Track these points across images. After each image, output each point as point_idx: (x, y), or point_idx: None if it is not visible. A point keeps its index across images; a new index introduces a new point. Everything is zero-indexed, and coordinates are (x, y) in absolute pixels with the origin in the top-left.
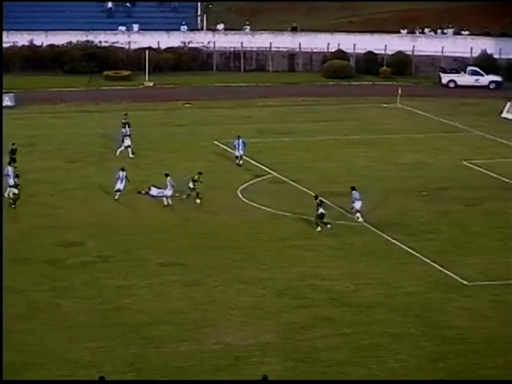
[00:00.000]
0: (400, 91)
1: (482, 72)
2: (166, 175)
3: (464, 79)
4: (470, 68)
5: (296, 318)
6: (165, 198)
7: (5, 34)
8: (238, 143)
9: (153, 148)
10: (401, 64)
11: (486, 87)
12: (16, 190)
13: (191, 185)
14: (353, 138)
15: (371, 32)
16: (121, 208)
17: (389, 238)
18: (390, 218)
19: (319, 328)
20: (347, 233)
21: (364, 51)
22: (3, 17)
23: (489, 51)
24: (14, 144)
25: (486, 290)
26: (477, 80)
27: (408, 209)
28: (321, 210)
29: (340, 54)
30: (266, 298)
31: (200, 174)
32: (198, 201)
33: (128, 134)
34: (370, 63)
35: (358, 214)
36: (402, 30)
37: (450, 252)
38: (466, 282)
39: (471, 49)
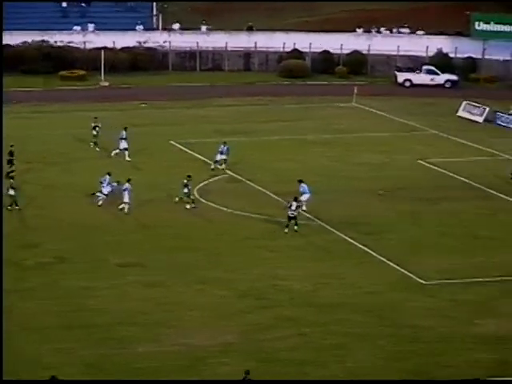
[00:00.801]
0: (356, 90)
1: (437, 71)
2: (109, 174)
3: (420, 78)
4: (425, 67)
5: (257, 319)
6: (101, 194)
7: None
8: (223, 149)
9: (109, 149)
10: (357, 63)
11: (442, 86)
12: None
13: (185, 190)
14: (309, 138)
15: (327, 31)
16: (82, 209)
17: (347, 238)
18: (349, 217)
19: (280, 328)
20: (307, 233)
21: (320, 51)
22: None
23: (444, 50)
24: (12, 146)
25: (445, 289)
26: (432, 79)
27: (366, 208)
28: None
29: (296, 54)
30: (228, 298)
31: (189, 177)
32: (188, 206)
33: (124, 137)
34: (325, 62)
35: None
36: (357, 30)
37: (408, 251)
38: (424, 282)
39: (427, 48)
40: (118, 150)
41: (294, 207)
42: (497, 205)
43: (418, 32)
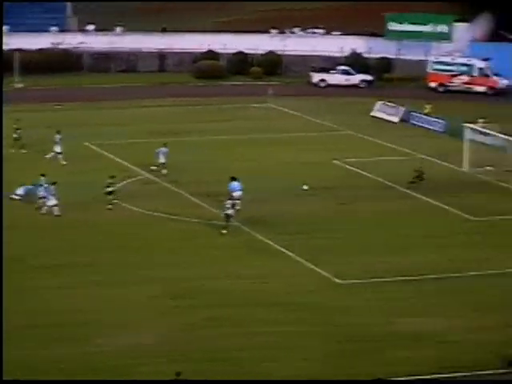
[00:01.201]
0: (271, 91)
1: (352, 71)
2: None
3: (334, 78)
4: (340, 67)
5: (188, 319)
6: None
7: None
8: (162, 151)
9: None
10: (271, 64)
11: (357, 86)
12: None
13: (110, 189)
14: (224, 138)
15: (242, 32)
16: (15, 209)
17: (264, 239)
18: (266, 217)
19: (211, 328)
20: (229, 234)
21: (235, 51)
22: None
23: (359, 50)
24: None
25: (361, 288)
26: (347, 79)
27: (282, 208)
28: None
29: (211, 55)
30: (157, 299)
31: (113, 177)
32: (110, 206)
33: (57, 140)
34: (240, 63)
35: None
36: (272, 30)
37: (325, 251)
38: (341, 281)
39: (341, 48)
40: (53, 153)
41: (228, 205)
42: (413, 203)
43: (333, 32)
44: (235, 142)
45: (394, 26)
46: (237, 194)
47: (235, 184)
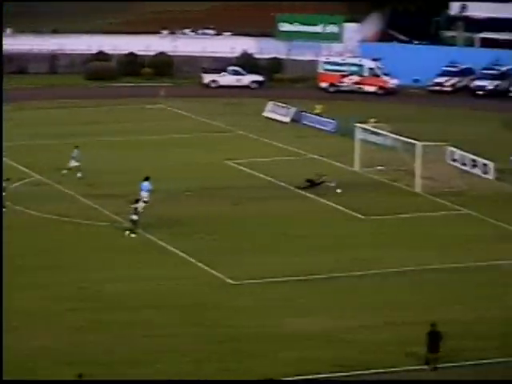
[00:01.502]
0: (162, 92)
1: (243, 72)
2: None
3: (225, 79)
4: (231, 68)
5: (74, 322)
6: None
7: None
8: (76, 154)
9: None
10: (163, 65)
11: (248, 87)
12: None
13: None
14: (117, 140)
15: (132, 33)
16: None
17: (157, 240)
18: (159, 218)
19: (97, 331)
20: (120, 236)
21: (126, 52)
22: None
23: (250, 51)
24: None
25: (252, 288)
26: (238, 80)
27: (175, 209)
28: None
29: (102, 56)
30: (46, 301)
31: (8, 180)
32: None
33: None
34: (131, 64)
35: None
36: (162, 31)
37: (216, 252)
38: (233, 281)
39: (232, 49)
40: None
41: (135, 209)
42: (303, 204)
43: (224, 33)
44: (128, 143)
45: (284, 27)
46: (143, 193)
47: (144, 184)
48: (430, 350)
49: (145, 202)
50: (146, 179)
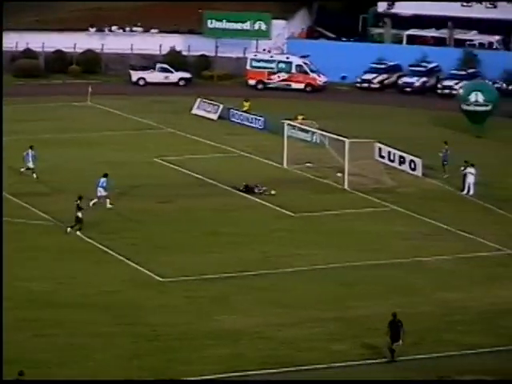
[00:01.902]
0: (90, 89)
1: (171, 69)
2: None
3: (154, 76)
4: (159, 65)
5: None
6: None
7: None
8: (31, 155)
9: None
10: (90, 62)
11: (176, 84)
12: None
13: None
14: (45, 138)
15: (60, 30)
16: None
17: (86, 238)
18: (86, 216)
19: (20, 330)
20: (46, 233)
21: (53, 50)
22: None
23: (178, 48)
24: None
25: (181, 286)
26: (166, 77)
27: (102, 207)
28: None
29: (29, 53)
30: None
31: None
32: None
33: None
34: (59, 62)
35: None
36: (90, 29)
37: (145, 249)
38: (161, 279)
39: (160, 46)
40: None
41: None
42: (233, 201)
43: (152, 30)
44: (56, 141)
45: (212, 24)
46: (99, 189)
47: (101, 180)
48: (392, 340)
49: (98, 198)
50: (105, 176)
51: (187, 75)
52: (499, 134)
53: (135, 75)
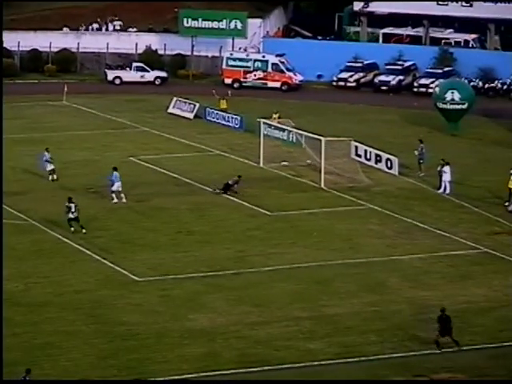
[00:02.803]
0: (66, 88)
1: (147, 68)
2: None
3: (129, 75)
4: (135, 64)
5: None
6: None
7: None
8: (47, 157)
9: None
10: (66, 61)
11: (152, 83)
12: None
13: None
14: (19, 137)
15: (35, 29)
16: None
17: (59, 236)
18: (60, 215)
19: None
20: (19, 232)
21: (29, 49)
22: None
23: (153, 47)
24: None
25: (156, 285)
26: (142, 76)
27: (83, 206)
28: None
29: (4, 53)
30: None
31: None
32: None
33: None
34: (34, 61)
35: (113, 195)
36: (65, 28)
37: (120, 248)
38: (136, 278)
39: (136, 45)
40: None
41: (73, 208)
42: (208, 200)
43: (128, 29)
44: (30, 139)
45: (188, 23)
46: (116, 185)
47: (114, 174)
48: (442, 334)
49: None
50: (115, 169)
51: (163, 74)
52: (475, 132)
53: (111, 74)
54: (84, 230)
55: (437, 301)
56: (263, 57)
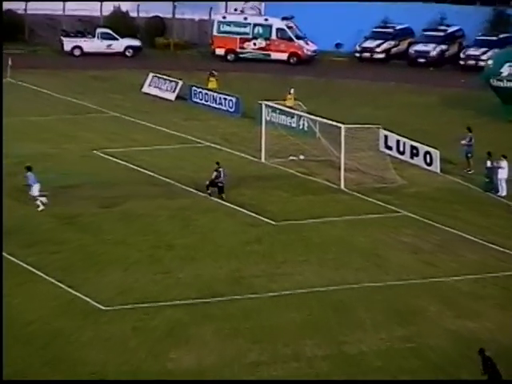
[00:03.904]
0: (10, 62)
1: (115, 35)
2: None
3: (93, 45)
4: (99, 30)
5: None
6: None
7: None
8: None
9: None
10: (10, 27)
11: (122, 54)
12: None
13: None
14: None
15: None
16: None
17: (4, 254)
18: (4, 225)
19: None
20: None
21: None
22: None
23: (123, 8)
24: None
25: (128, 314)
26: (109, 45)
27: (25, 214)
28: None
29: None
30: None
31: None
32: None
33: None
34: None
35: (39, 202)
36: None
37: (81, 267)
38: (102, 306)
39: (101, 5)
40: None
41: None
42: (194, 205)
43: None
44: None
45: None
46: (35, 188)
47: (28, 176)
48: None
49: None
50: (29, 169)
51: (136, 43)
52: None
53: (69, 43)
54: None
55: (487, 333)
56: (265, 20)
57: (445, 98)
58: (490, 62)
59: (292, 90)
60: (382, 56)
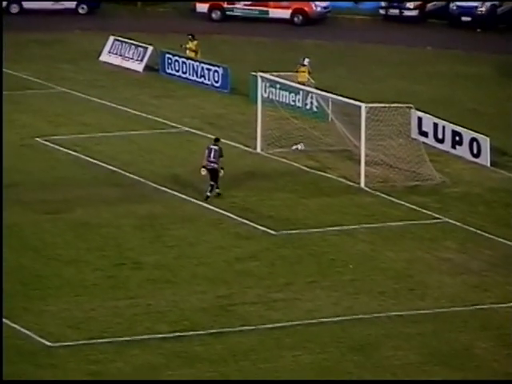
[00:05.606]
0: None
1: None
2: None
3: (36, 3)
4: None
5: None
6: None
7: None
8: None
9: None
10: None
11: (73, 12)
12: None
13: None
14: None
15: None
16: None
17: None
18: None
19: None
20: None
21: None
22: None
23: None
24: None
25: (82, 354)
26: (56, 2)
27: None
28: None
29: None
30: None
31: None
32: None
33: None
34: None
35: None
36: None
37: (20, 293)
38: (49, 343)
39: None
40: None
41: None
42: (169, 209)
43: None
44: None
45: None
46: None
47: None
48: None
49: None
50: None
51: None
52: None
53: None
54: None
55: None
56: None
57: (499, 69)
58: None
59: (306, 61)
60: (414, 13)
